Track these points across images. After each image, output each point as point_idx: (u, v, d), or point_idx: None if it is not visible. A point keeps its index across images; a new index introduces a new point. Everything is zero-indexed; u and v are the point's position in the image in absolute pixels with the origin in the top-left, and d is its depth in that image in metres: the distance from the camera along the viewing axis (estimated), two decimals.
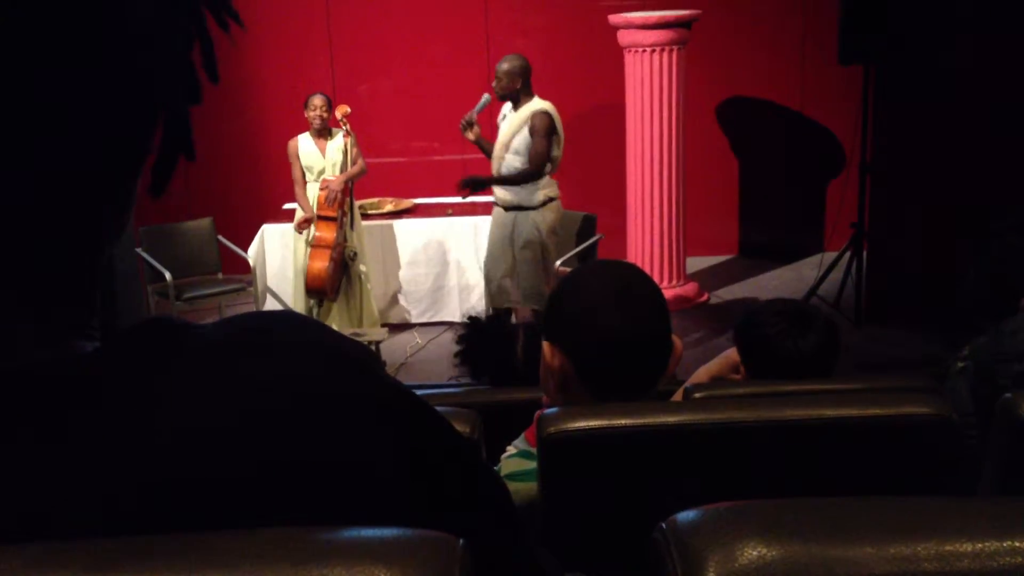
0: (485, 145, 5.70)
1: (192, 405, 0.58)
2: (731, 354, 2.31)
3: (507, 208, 5.72)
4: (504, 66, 5.52)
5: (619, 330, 1.55)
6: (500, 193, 5.72)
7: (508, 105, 5.65)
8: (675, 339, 1.62)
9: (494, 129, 5.84)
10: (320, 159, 6.06)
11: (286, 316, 0.66)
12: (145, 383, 0.59)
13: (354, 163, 6.06)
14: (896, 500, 0.70)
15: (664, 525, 0.67)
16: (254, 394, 0.59)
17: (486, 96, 5.66)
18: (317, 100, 6.05)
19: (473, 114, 5.61)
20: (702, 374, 2.30)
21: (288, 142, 6.15)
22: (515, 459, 1.69)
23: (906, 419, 1.46)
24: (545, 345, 1.61)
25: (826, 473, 1.48)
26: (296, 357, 0.62)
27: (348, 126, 5.99)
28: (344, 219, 5.98)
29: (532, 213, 5.62)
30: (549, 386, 1.64)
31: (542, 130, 5.45)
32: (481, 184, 5.65)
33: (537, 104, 5.51)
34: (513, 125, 5.53)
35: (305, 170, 6.12)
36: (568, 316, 1.60)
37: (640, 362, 1.59)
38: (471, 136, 5.63)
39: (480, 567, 0.54)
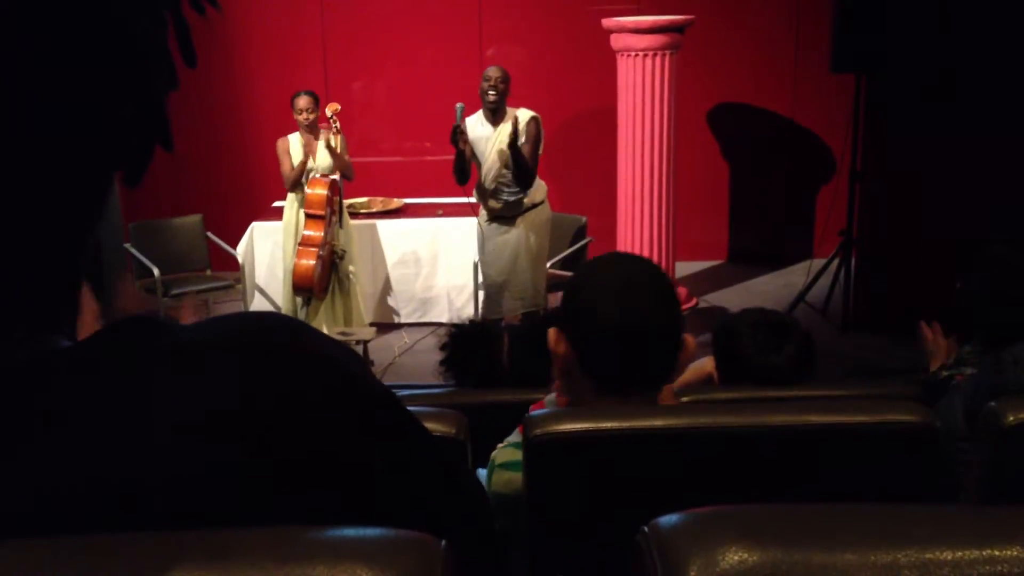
0: (467, 156, 5.59)
1: (170, 404, 0.58)
2: (704, 364, 2.30)
3: (510, 217, 5.64)
4: (499, 73, 5.51)
5: (619, 323, 1.53)
6: (496, 204, 5.63)
7: (476, 116, 5.58)
8: (687, 337, 1.59)
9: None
10: (310, 161, 5.97)
11: (269, 318, 0.66)
12: (123, 382, 0.59)
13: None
14: (878, 507, 0.70)
15: (646, 528, 0.67)
16: (233, 394, 0.59)
17: (460, 105, 5.53)
18: (302, 102, 5.91)
19: (461, 124, 5.51)
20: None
21: (277, 140, 6.04)
22: (510, 448, 1.69)
23: (891, 426, 1.47)
24: (551, 331, 1.60)
25: (809, 479, 1.48)
26: (277, 359, 0.61)
27: (338, 124, 5.92)
28: (333, 217, 5.95)
29: (531, 215, 5.63)
30: (555, 370, 1.64)
31: (535, 136, 5.50)
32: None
33: (527, 111, 5.52)
34: (508, 135, 5.44)
35: None
36: (573, 306, 1.60)
37: (641, 357, 1.56)
38: (463, 146, 5.51)
39: (458, 569, 0.54)
